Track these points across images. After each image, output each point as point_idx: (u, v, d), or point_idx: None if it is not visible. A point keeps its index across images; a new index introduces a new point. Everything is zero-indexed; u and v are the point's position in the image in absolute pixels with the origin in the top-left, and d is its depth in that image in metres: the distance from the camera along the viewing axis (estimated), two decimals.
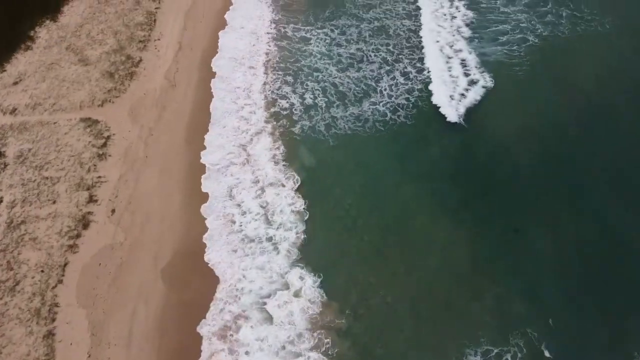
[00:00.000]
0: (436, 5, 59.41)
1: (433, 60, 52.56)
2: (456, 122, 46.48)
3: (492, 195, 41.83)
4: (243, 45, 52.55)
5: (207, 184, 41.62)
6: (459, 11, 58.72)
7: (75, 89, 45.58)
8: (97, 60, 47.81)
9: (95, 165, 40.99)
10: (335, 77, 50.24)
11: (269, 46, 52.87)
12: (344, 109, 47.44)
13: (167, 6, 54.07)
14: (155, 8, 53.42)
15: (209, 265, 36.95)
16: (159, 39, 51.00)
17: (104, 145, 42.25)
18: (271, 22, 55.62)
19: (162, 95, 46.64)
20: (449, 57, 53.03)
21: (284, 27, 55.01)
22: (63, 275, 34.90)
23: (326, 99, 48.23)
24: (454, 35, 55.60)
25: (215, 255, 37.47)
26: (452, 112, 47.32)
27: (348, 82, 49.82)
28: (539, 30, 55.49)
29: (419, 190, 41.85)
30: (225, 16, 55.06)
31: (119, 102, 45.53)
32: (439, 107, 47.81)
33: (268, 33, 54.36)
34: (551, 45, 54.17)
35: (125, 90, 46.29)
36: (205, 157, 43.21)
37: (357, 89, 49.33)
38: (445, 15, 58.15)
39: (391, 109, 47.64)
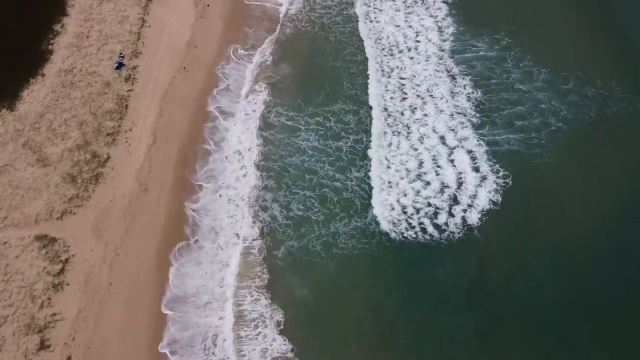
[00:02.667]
0: (433, 79, 53.50)
1: (427, 152, 48.22)
2: (472, 234, 42.72)
3: (513, 325, 38.64)
4: (230, 135, 48.41)
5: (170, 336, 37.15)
6: (465, 89, 52.71)
7: (31, 197, 41.79)
8: (58, 159, 44.03)
9: (49, 299, 37.05)
10: (337, 181, 45.69)
11: (259, 139, 48.36)
12: (348, 221, 43.22)
13: (141, 87, 50.35)
14: (128, 90, 49.70)
15: None
16: (130, 130, 47.26)
17: (61, 271, 38.35)
18: (264, 106, 50.84)
19: (131, 203, 42.84)
20: (452, 148, 48.20)
21: (275, 113, 50.34)
22: None
23: (327, 211, 43.87)
24: (456, 119, 50.30)
25: None
26: (459, 221, 43.54)
27: (352, 185, 45.48)
28: (563, 113, 51.32)
29: (433, 323, 38.80)
30: (208, 99, 50.84)
31: (81, 212, 41.72)
32: (450, 214, 44.23)
33: (262, 117, 49.97)
34: (577, 131, 49.96)
35: (89, 198, 42.51)
36: (172, 293, 38.77)
37: (361, 192, 45.08)
38: (443, 97, 51.98)
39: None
